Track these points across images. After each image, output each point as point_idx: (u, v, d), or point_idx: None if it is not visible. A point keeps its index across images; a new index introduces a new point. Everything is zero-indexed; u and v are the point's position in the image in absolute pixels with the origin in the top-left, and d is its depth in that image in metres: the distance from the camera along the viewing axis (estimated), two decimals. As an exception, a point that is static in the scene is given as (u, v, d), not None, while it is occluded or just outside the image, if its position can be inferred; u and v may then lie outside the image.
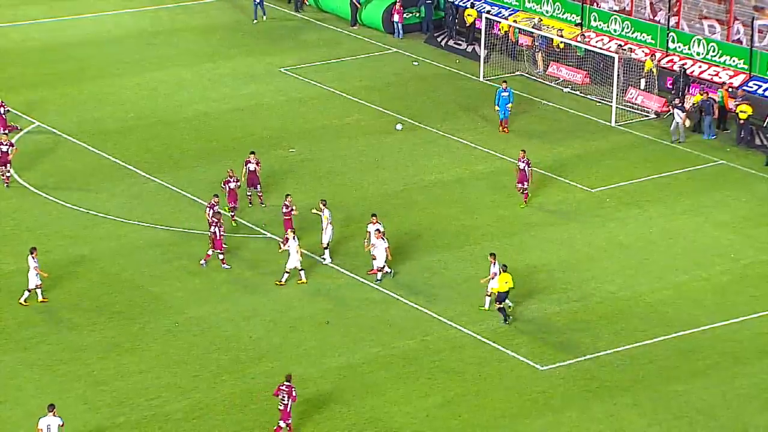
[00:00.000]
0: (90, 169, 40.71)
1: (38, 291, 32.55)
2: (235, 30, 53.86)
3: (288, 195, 35.64)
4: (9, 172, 37.42)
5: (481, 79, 48.89)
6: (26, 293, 32.48)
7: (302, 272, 33.87)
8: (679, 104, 43.32)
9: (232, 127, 44.40)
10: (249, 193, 37.71)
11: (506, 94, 43.16)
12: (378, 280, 33.80)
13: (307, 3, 55.55)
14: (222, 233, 34.23)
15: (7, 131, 42.86)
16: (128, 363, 30.40)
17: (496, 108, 43.52)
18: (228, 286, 33.80)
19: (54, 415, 26.87)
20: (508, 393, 29.57)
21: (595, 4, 50.62)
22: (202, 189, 39.18)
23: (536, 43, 49.49)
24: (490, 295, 32.65)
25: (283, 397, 27.54)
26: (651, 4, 49.19)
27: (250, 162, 37.53)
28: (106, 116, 45.07)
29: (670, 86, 46.28)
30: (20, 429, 27.87)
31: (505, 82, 44.11)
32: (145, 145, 42.79)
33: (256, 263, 34.97)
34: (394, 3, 52.86)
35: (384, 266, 33.74)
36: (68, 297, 33.13)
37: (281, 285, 33.67)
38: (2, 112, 43.01)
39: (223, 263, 34.31)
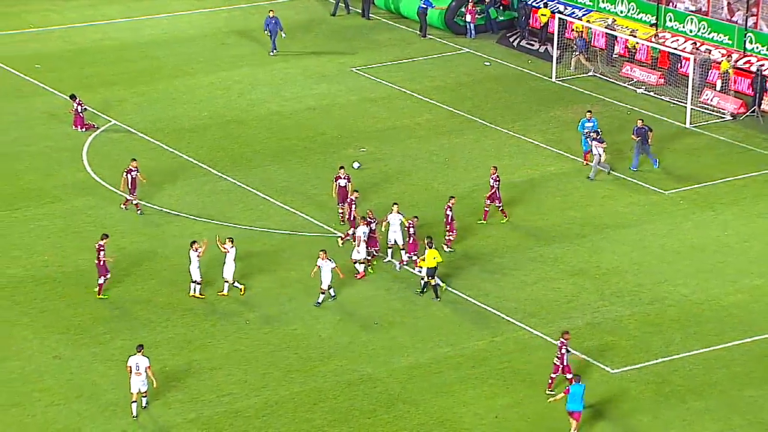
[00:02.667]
0: (164, 168, 41.11)
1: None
2: (307, 30, 54.09)
3: (369, 210, 35.23)
4: (134, 196, 37.12)
5: (554, 79, 48.57)
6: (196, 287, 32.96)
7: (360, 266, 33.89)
8: (597, 137, 39.72)
9: (304, 126, 44.58)
10: (341, 211, 36.52)
11: (590, 123, 40.71)
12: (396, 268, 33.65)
13: (375, 3, 55.31)
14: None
15: (84, 129, 43.51)
16: (199, 360, 30.64)
17: (582, 137, 41.04)
18: (298, 284, 33.92)
19: (142, 355, 28.29)
20: (578, 396, 29.30)
21: (670, 4, 50.05)
22: (274, 188, 39.39)
23: (575, 44, 48.59)
24: (355, 262, 33.26)
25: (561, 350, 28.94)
26: (728, 4, 48.51)
27: (340, 178, 36.58)
28: (180, 115, 45.50)
29: (748, 88, 45.65)
30: (95, 422, 28.21)
31: (590, 111, 41.29)
32: (218, 143, 43.13)
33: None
34: (465, 3, 52.65)
35: (368, 257, 33.38)
36: (141, 293, 33.48)
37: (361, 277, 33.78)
38: (80, 110, 43.65)
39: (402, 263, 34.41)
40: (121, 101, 46.48)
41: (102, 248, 32.88)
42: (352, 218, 35.51)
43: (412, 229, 34.33)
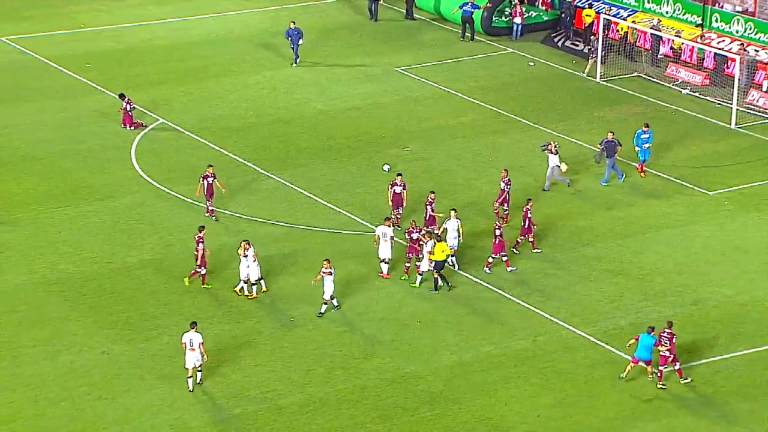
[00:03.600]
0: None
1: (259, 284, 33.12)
2: (353, 30, 54.18)
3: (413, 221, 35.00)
4: (212, 204, 36.87)
5: (598, 80, 48.33)
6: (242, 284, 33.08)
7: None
8: (554, 149, 38.49)
9: (349, 125, 44.68)
10: (394, 215, 36.07)
11: (646, 135, 39.82)
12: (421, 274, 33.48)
13: (417, 5, 55.10)
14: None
15: (132, 127, 43.86)
16: (244, 356, 30.81)
17: (636, 149, 40.03)
18: (341, 283, 33.99)
19: (195, 332, 29.12)
20: (621, 395, 29.18)
21: (717, 4, 49.65)
22: (319, 187, 39.51)
23: (591, 47, 47.86)
24: (422, 273, 33.21)
25: (665, 342, 29.10)
26: (774, 4, 48.10)
27: (396, 185, 36.24)
28: (227, 114, 45.75)
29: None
30: (142, 417, 28.45)
31: (647, 125, 40.23)
32: (264, 142, 43.33)
33: (366, 260, 35.04)
34: (500, 5, 52.31)
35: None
36: (188, 289, 33.70)
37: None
38: (129, 109, 44.00)
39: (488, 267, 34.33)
40: (169, 100, 46.80)
41: (201, 240, 33.28)
42: (428, 219, 35.36)
43: (498, 231, 34.05)
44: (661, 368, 29.42)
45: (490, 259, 34.33)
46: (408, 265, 34.09)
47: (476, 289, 33.74)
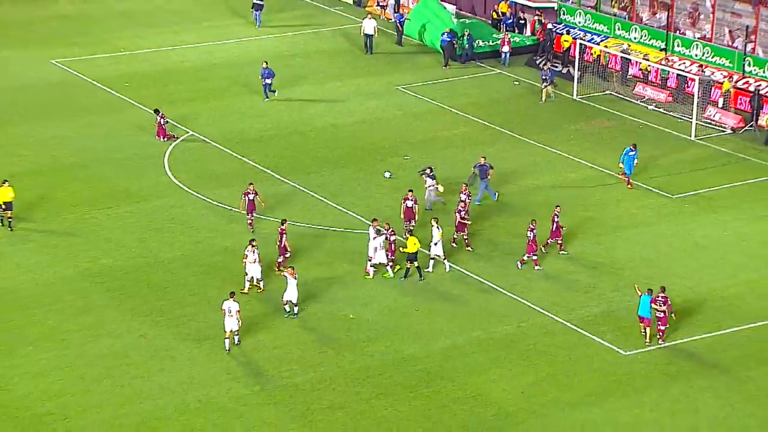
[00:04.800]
0: (233, 172, 41.27)
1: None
2: (359, 53, 54.05)
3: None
4: (253, 218, 36.03)
5: (575, 97, 48.24)
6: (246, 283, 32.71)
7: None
8: (430, 173, 36.98)
9: (356, 137, 44.58)
10: (406, 227, 35.14)
11: (633, 153, 39.10)
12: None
13: (404, 35, 54.47)
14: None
15: (165, 138, 43.78)
16: (264, 339, 30.74)
17: (621, 165, 39.25)
18: (350, 276, 33.92)
19: (234, 301, 29.63)
20: (594, 374, 29.10)
21: (678, 31, 49.56)
22: (329, 191, 39.43)
23: (544, 77, 46.85)
24: (392, 266, 33.07)
25: (659, 303, 29.71)
26: (729, 32, 47.98)
27: (408, 199, 35.43)
28: (248, 127, 45.66)
29: (746, 105, 45.16)
30: (174, 393, 28.38)
31: (634, 145, 39.41)
32: (280, 152, 43.23)
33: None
34: (501, 36, 51.79)
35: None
36: (214, 281, 33.62)
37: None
38: (162, 122, 43.94)
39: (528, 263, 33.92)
40: (198, 115, 46.73)
41: (283, 232, 33.23)
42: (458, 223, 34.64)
43: (531, 233, 33.41)
44: (661, 327, 29.95)
45: (525, 258, 33.92)
46: (390, 265, 33.65)
47: (468, 282, 33.65)
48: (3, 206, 36.62)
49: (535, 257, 33.95)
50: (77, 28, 57.12)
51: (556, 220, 34.71)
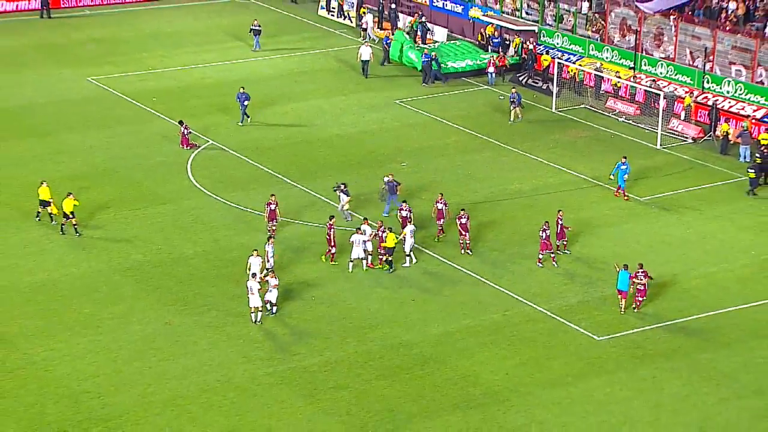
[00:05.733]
0: (249, 177, 41.31)
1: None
2: (358, 71, 54.01)
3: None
4: (275, 226, 35.45)
5: (554, 110, 48.31)
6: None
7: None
8: (344, 188, 35.99)
9: (359, 146, 44.62)
10: (439, 226, 35.16)
11: (625, 167, 38.51)
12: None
13: (391, 60, 54.12)
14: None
15: (188, 147, 43.79)
16: (275, 327, 30.79)
17: (611, 177, 38.90)
18: (354, 269, 33.96)
19: (257, 255, 30.94)
20: (571, 358, 29.20)
21: (644, 52, 49.65)
22: (335, 194, 39.45)
23: (513, 98, 45.99)
24: (382, 255, 32.82)
25: (640, 277, 30.15)
26: (690, 52, 48.10)
27: (439, 202, 35.29)
28: (261, 137, 45.67)
29: (705, 118, 45.29)
30: (197, 374, 28.44)
31: (625, 157, 38.72)
32: (291, 159, 43.26)
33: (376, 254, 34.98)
34: (489, 58, 51.62)
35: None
36: (233, 274, 33.69)
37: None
38: (186, 132, 43.96)
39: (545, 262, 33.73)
40: (217, 126, 46.73)
41: (331, 227, 33.42)
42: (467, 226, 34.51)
43: (544, 233, 33.36)
44: (639, 299, 30.50)
45: (540, 256, 33.82)
46: (381, 257, 33.64)
47: (459, 275, 33.71)
48: (41, 205, 36.78)
49: (552, 254, 33.75)
50: (110, 48, 57.15)
51: (560, 223, 34.62)
